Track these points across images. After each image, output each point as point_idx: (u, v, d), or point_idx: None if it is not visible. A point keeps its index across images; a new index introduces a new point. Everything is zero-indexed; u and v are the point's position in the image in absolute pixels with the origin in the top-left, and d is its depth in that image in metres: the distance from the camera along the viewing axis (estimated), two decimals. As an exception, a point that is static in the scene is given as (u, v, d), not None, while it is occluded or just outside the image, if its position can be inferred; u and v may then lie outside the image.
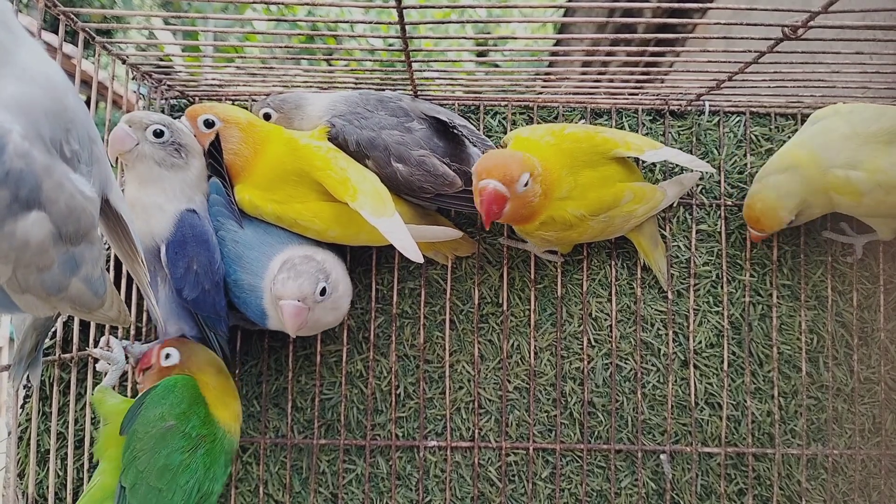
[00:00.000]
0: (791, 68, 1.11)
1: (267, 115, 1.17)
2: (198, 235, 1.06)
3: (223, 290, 1.09)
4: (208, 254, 1.06)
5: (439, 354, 1.26)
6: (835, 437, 1.25)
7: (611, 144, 1.11)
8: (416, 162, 1.10)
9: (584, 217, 1.10)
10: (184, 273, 1.05)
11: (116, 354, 1.11)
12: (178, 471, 0.94)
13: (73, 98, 0.70)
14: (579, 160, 1.10)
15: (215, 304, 1.08)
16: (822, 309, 1.27)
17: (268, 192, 1.09)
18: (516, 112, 1.31)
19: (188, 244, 1.05)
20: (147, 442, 0.94)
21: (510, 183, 0.99)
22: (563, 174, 1.08)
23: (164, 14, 1.07)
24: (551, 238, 1.12)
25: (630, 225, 1.17)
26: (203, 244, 1.06)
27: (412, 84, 1.22)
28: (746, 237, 1.27)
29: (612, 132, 1.14)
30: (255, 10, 4.17)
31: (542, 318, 1.27)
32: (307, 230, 1.09)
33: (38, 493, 1.18)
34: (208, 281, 1.06)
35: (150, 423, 0.95)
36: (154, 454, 0.93)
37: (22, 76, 0.64)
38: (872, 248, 1.26)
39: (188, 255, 1.05)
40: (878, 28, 0.92)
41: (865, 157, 1.06)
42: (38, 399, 1.19)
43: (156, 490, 0.92)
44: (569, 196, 1.09)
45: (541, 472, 1.24)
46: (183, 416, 0.97)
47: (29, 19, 2.51)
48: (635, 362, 1.26)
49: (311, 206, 1.08)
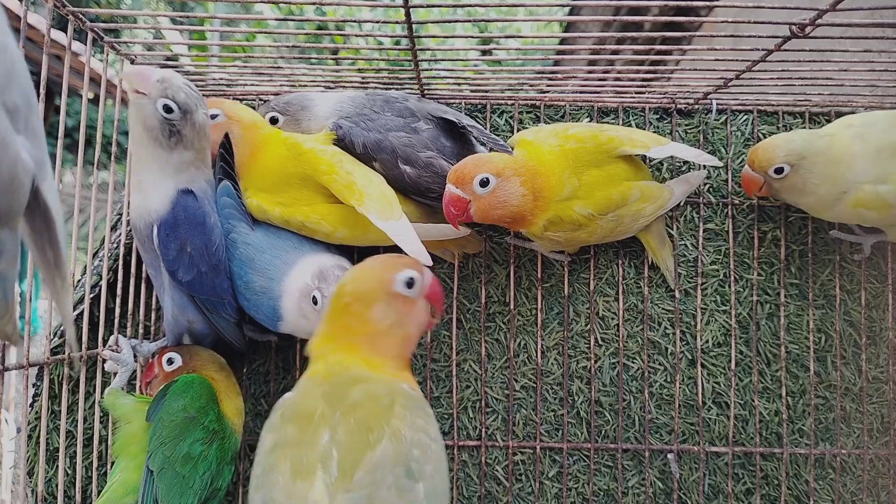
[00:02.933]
0: (799, 66, 1.11)
1: (273, 118, 1.17)
2: (191, 217, 1.04)
3: (224, 273, 1.08)
4: (203, 236, 1.05)
5: (446, 353, 1.26)
6: (843, 437, 1.25)
7: (616, 143, 1.11)
8: (424, 164, 1.10)
9: (593, 216, 1.10)
10: (176, 255, 1.04)
11: (125, 355, 1.11)
12: (198, 460, 0.98)
13: (20, 61, 0.60)
14: (583, 160, 1.10)
15: (214, 286, 1.07)
16: (831, 308, 1.27)
17: (273, 196, 1.09)
18: (523, 111, 1.31)
19: (180, 226, 1.03)
20: (172, 430, 0.98)
21: (463, 184, 1.02)
22: (565, 176, 1.08)
23: (172, 14, 1.08)
24: (560, 239, 1.11)
25: (639, 225, 1.17)
26: (198, 226, 1.04)
27: (419, 83, 1.22)
28: (754, 236, 1.27)
29: (618, 130, 1.14)
30: (261, 11, 4.18)
31: (549, 317, 1.27)
32: (315, 233, 1.09)
33: (47, 491, 1.19)
34: (204, 263, 1.05)
35: (174, 413, 1.00)
36: (179, 442, 0.97)
37: None
38: (881, 247, 1.26)
39: (180, 237, 1.03)
40: (887, 26, 0.92)
41: (893, 170, 1.04)
42: (48, 397, 1.20)
43: (180, 476, 0.95)
44: (574, 196, 1.09)
45: (548, 471, 1.24)
46: (202, 410, 1.02)
47: (38, 18, 2.53)
48: (642, 361, 1.26)
49: (318, 209, 1.08)
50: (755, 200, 1.27)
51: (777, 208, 1.28)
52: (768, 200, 1.27)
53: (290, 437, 0.76)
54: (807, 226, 1.27)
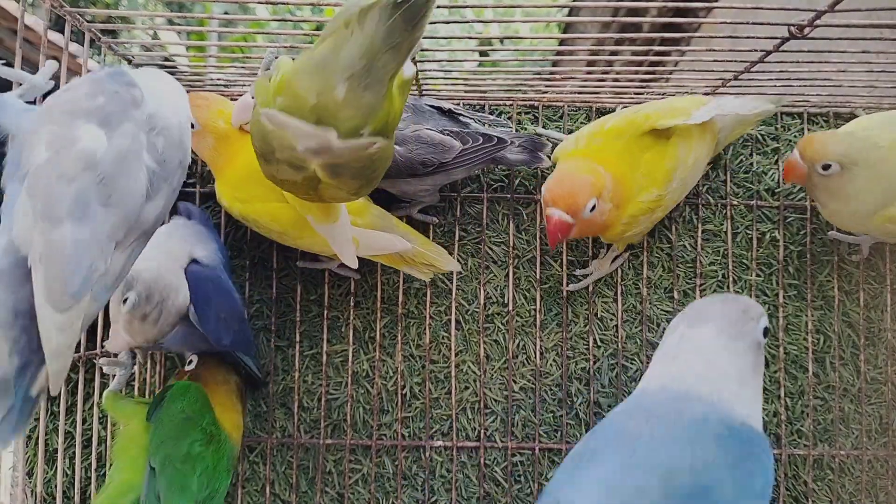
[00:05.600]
0: (797, 67, 1.11)
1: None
2: (212, 287, 1.03)
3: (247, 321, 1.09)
4: (229, 299, 1.04)
5: (445, 354, 1.26)
6: (841, 438, 1.25)
7: (654, 119, 1.07)
8: (412, 138, 1.09)
9: (661, 196, 1.09)
10: (215, 324, 1.02)
11: (123, 357, 1.11)
12: (196, 460, 0.99)
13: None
14: (633, 150, 1.08)
15: (245, 336, 1.09)
16: (829, 309, 1.27)
17: (235, 191, 1.08)
18: (521, 111, 1.31)
19: (212, 299, 1.01)
20: (172, 429, 0.99)
21: (576, 212, 1.00)
22: (630, 174, 1.06)
23: (169, 14, 1.08)
24: (639, 231, 1.12)
25: (699, 168, 1.14)
26: (222, 293, 1.04)
27: (417, 82, 1.22)
28: (753, 237, 1.27)
29: (653, 104, 1.11)
30: (256, 12, 4.18)
31: (547, 318, 1.27)
32: (270, 232, 1.09)
33: (46, 492, 1.19)
34: (236, 321, 1.05)
35: (173, 414, 1.01)
36: (179, 441, 0.99)
37: None
38: (878, 248, 1.26)
39: (213, 308, 1.01)
40: (885, 27, 0.92)
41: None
42: (47, 398, 1.19)
43: (181, 473, 0.97)
44: (640, 189, 1.07)
45: (546, 472, 1.24)
46: (199, 413, 1.03)
47: (35, 19, 2.52)
48: (641, 362, 1.26)
49: (270, 207, 1.06)
50: (753, 202, 1.27)
51: (775, 209, 1.28)
52: (766, 201, 1.28)
53: None
54: (805, 227, 1.27)
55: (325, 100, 0.77)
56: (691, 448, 0.77)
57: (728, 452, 0.78)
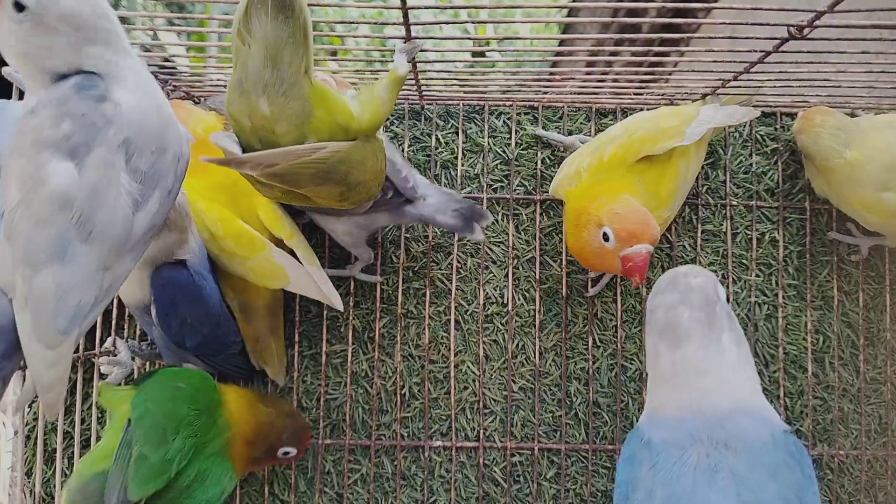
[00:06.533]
0: (797, 68, 1.11)
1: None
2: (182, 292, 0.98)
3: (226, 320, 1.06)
4: (199, 304, 1.00)
5: (444, 354, 1.26)
6: (841, 438, 1.25)
7: (649, 144, 1.07)
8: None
9: (668, 218, 1.12)
10: (178, 328, 1.00)
11: (122, 357, 1.11)
12: (182, 421, 0.92)
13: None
14: (636, 173, 1.07)
15: (218, 339, 1.06)
16: (828, 309, 1.27)
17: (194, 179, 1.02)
18: (521, 112, 1.31)
19: (177, 305, 0.98)
20: (159, 391, 0.95)
21: (655, 242, 0.98)
22: (639, 196, 1.05)
23: (169, 15, 1.08)
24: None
25: (694, 175, 1.16)
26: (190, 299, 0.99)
27: (417, 84, 1.22)
28: (752, 237, 1.27)
29: (645, 126, 1.09)
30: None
31: (546, 318, 1.27)
32: (204, 231, 1.04)
33: (45, 492, 1.19)
34: (207, 327, 1.02)
35: (165, 380, 0.97)
36: (163, 397, 0.94)
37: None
38: (878, 248, 1.26)
39: (178, 313, 0.98)
40: (884, 28, 0.92)
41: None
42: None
43: (160, 427, 0.90)
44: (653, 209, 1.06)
45: (546, 472, 1.24)
46: (196, 390, 0.97)
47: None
48: (640, 363, 1.26)
49: (219, 210, 1.04)
50: (753, 202, 1.27)
51: (775, 209, 1.28)
52: (766, 202, 1.28)
53: None
54: (805, 227, 1.27)
55: (257, 120, 0.79)
56: (776, 476, 0.74)
57: (797, 462, 0.76)
